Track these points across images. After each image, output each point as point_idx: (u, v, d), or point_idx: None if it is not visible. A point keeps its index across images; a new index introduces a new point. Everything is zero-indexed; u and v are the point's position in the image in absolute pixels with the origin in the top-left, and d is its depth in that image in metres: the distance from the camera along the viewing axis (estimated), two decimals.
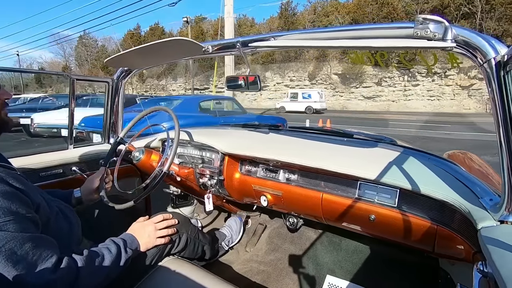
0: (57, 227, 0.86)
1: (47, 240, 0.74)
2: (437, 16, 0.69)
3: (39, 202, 0.80)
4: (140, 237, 0.99)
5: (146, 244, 1.00)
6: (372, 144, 1.31)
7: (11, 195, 0.70)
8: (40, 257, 0.69)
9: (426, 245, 1.09)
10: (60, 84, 31.93)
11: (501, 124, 0.66)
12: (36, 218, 0.75)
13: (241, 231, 1.87)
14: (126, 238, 0.95)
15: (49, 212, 0.84)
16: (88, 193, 1.15)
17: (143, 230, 1.02)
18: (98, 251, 0.85)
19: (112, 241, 0.92)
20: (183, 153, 1.63)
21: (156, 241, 1.03)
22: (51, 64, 40.56)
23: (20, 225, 0.68)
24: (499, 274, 0.53)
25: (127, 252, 0.91)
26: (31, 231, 0.70)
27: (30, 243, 0.68)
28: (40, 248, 0.70)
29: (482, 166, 1.52)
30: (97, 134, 4.53)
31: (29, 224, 0.71)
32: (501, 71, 0.64)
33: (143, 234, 1.01)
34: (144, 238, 1.00)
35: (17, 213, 0.69)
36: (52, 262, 0.70)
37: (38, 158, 1.39)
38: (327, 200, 1.22)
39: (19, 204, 0.70)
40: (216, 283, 0.99)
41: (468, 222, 0.82)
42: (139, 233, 1.00)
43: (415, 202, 1.04)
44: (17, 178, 0.77)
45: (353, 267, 1.57)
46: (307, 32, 0.93)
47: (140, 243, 0.98)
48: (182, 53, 1.24)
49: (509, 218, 0.70)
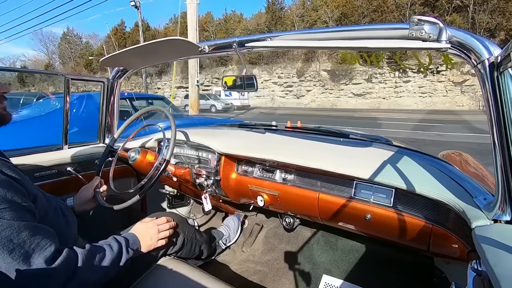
0: (55, 222, 0.84)
1: (46, 230, 0.73)
2: (432, 18, 0.70)
3: (36, 193, 0.79)
4: (143, 238, 0.99)
5: (148, 246, 1.00)
6: (368, 144, 1.32)
7: (6, 183, 0.68)
8: (37, 246, 0.67)
9: (421, 244, 1.10)
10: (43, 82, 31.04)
11: (494, 125, 0.67)
12: (32, 207, 0.74)
13: (239, 230, 1.87)
14: (129, 238, 0.94)
15: (47, 206, 0.83)
16: (82, 203, 1.13)
17: (146, 232, 1.01)
18: (99, 247, 0.84)
19: (115, 238, 0.91)
20: (179, 153, 1.62)
21: (157, 243, 1.02)
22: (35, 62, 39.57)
23: (16, 213, 0.66)
24: (493, 273, 0.54)
25: (128, 252, 0.90)
26: (28, 220, 0.69)
27: (27, 232, 0.66)
28: (37, 237, 0.68)
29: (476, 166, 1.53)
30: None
31: (25, 212, 0.70)
32: (495, 72, 0.65)
33: (146, 235, 1.00)
34: (146, 240, 0.99)
35: (12, 201, 0.67)
36: (50, 251, 0.69)
37: (31, 158, 1.37)
38: (324, 200, 1.23)
39: (14, 193, 0.69)
40: (212, 283, 0.98)
41: (462, 221, 0.83)
42: (142, 234, 1.00)
43: (411, 201, 1.05)
44: (12, 168, 0.75)
45: (350, 266, 1.58)
46: (303, 33, 0.93)
47: (142, 244, 0.98)
48: (179, 53, 1.24)
49: (502, 217, 0.71)
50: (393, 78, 21.30)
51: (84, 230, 1.09)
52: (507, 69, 0.62)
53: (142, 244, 0.98)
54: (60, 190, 1.44)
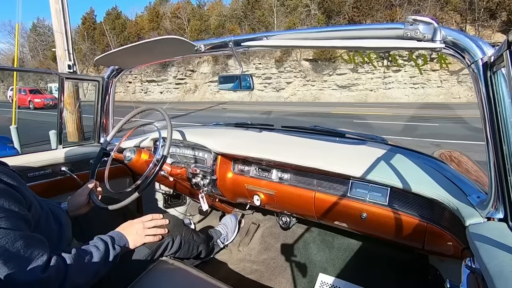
0: (47, 227, 0.85)
1: (38, 239, 0.74)
2: (427, 17, 0.70)
3: (32, 200, 0.80)
4: (128, 234, 1.00)
5: (134, 241, 1.01)
6: (364, 143, 1.33)
7: (5, 192, 0.69)
8: (31, 256, 0.68)
9: (416, 242, 1.11)
10: (11, 78, 29.81)
11: (487, 123, 0.68)
12: (29, 216, 0.75)
13: (237, 229, 1.87)
14: (114, 235, 0.96)
15: (40, 212, 0.83)
16: (75, 208, 1.12)
17: (131, 228, 1.03)
18: (86, 249, 0.86)
19: (100, 238, 0.92)
20: (175, 152, 1.62)
21: (144, 238, 1.04)
22: (4, 56, 36.47)
23: (13, 222, 0.67)
24: (486, 270, 0.54)
25: (115, 249, 0.91)
26: (23, 229, 0.70)
27: (22, 241, 0.67)
28: (31, 247, 0.69)
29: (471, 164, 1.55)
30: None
31: (21, 222, 0.71)
32: (488, 72, 0.66)
33: (131, 231, 1.02)
34: (132, 235, 1.01)
35: (10, 211, 0.68)
36: (43, 260, 0.70)
37: (25, 158, 1.36)
38: (320, 199, 1.23)
39: (12, 202, 0.70)
40: (209, 283, 0.98)
41: (456, 219, 0.84)
42: (127, 230, 1.02)
43: (406, 200, 1.06)
44: (11, 175, 0.76)
45: (345, 265, 1.59)
46: (299, 32, 0.94)
47: (128, 239, 0.99)
48: (174, 52, 1.23)
49: (495, 215, 0.72)
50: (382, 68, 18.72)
51: (79, 232, 1.08)
52: (500, 69, 0.63)
53: (129, 239, 0.99)
54: (54, 190, 1.43)
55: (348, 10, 19.83)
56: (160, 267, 1.06)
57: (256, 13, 22.30)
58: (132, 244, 1.00)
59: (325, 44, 0.88)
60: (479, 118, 0.71)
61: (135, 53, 1.22)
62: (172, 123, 1.28)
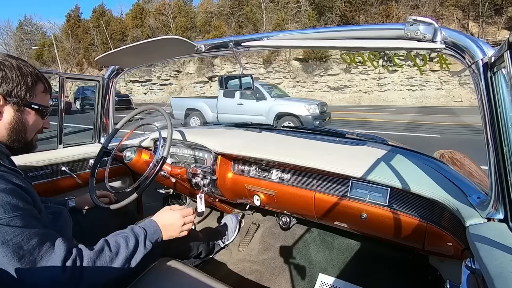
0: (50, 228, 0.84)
1: (54, 236, 0.73)
2: (427, 18, 0.71)
3: (39, 202, 0.80)
4: (165, 230, 0.91)
5: (167, 237, 0.92)
6: (364, 143, 1.33)
7: (17, 192, 0.70)
8: (46, 253, 0.68)
9: (416, 242, 1.11)
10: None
11: (488, 124, 0.68)
12: (38, 215, 0.75)
13: (237, 229, 1.87)
14: (148, 228, 0.86)
15: (44, 212, 0.83)
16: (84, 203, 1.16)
17: (170, 222, 0.93)
18: (113, 244, 0.78)
19: (132, 231, 0.83)
20: (175, 152, 1.61)
21: (178, 235, 0.95)
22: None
23: (27, 221, 0.67)
24: (486, 270, 0.54)
25: (145, 247, 0.82)
26: (37, 227, 0.70)
27: (37, 239, 0.67)
28: (46, 244, 0.68)
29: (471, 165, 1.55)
30: None
31: (35, 220, 0.71)
32: (488, 72, 0.66)
33: (169, 227, 0.92)
34: (169, 232, 0.92)
35: (23, 209, 0.68)
36: (60, 258, 0.68)
37: (25, 158, 1.36)
38: (320, 199, 1.23)
39: (25, 202, 0.70)
40: (209, 283, 0.98)
41: (456, 219, 0.84)
42: (165, 224, 0.91)
43: (406, 200, 1.06)
44: (21, 179, 0.77)
45: (345, 265, 1.58)
46: (299, 33, 0.94)
47: (164, 235, 0.90)
48: (175, 52, 1.24)
49: (495, 216, 0.72)
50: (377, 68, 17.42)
51: (79, 232, 1.08)
52: (500, 70, 0.63)
53: (164, 235, 0.90)
54: (54, 190, 1.43)
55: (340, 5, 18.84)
56: (160, 267, 1.06)
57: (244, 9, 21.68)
58: (165, 238, 0.91)
59: (325, 45, 0.88)
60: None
61: (135, 53, 1.23)
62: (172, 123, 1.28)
